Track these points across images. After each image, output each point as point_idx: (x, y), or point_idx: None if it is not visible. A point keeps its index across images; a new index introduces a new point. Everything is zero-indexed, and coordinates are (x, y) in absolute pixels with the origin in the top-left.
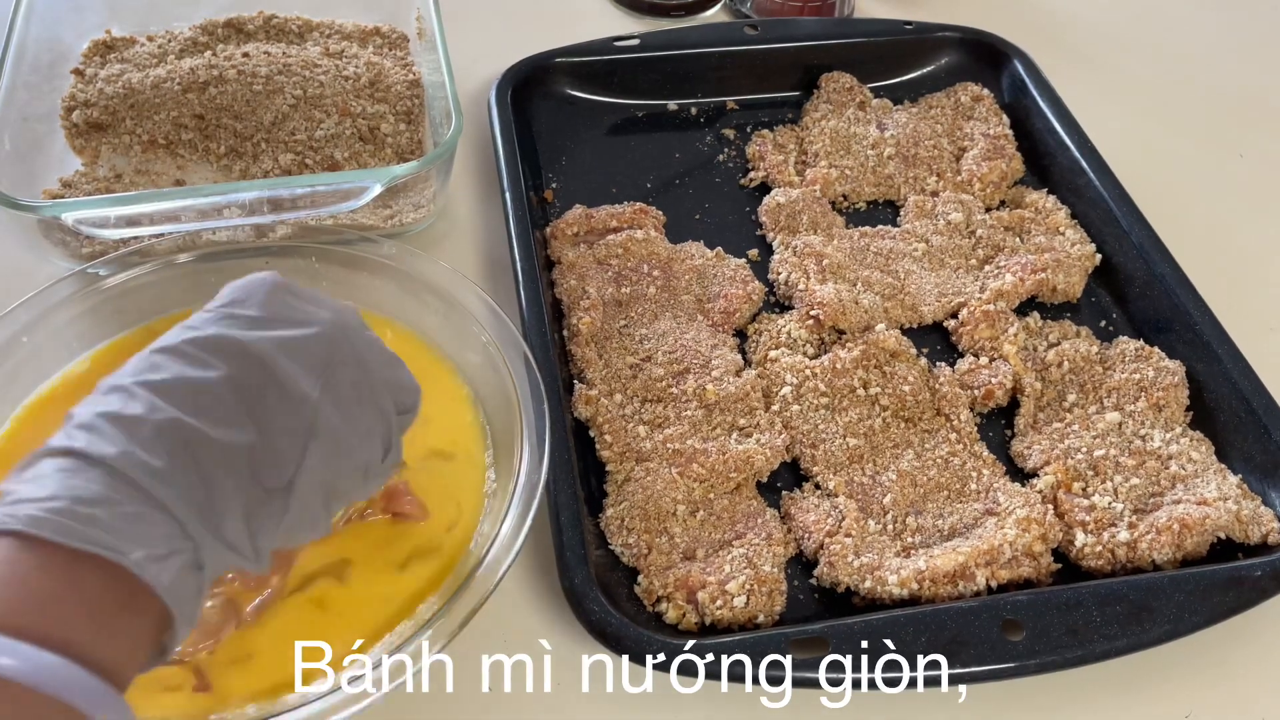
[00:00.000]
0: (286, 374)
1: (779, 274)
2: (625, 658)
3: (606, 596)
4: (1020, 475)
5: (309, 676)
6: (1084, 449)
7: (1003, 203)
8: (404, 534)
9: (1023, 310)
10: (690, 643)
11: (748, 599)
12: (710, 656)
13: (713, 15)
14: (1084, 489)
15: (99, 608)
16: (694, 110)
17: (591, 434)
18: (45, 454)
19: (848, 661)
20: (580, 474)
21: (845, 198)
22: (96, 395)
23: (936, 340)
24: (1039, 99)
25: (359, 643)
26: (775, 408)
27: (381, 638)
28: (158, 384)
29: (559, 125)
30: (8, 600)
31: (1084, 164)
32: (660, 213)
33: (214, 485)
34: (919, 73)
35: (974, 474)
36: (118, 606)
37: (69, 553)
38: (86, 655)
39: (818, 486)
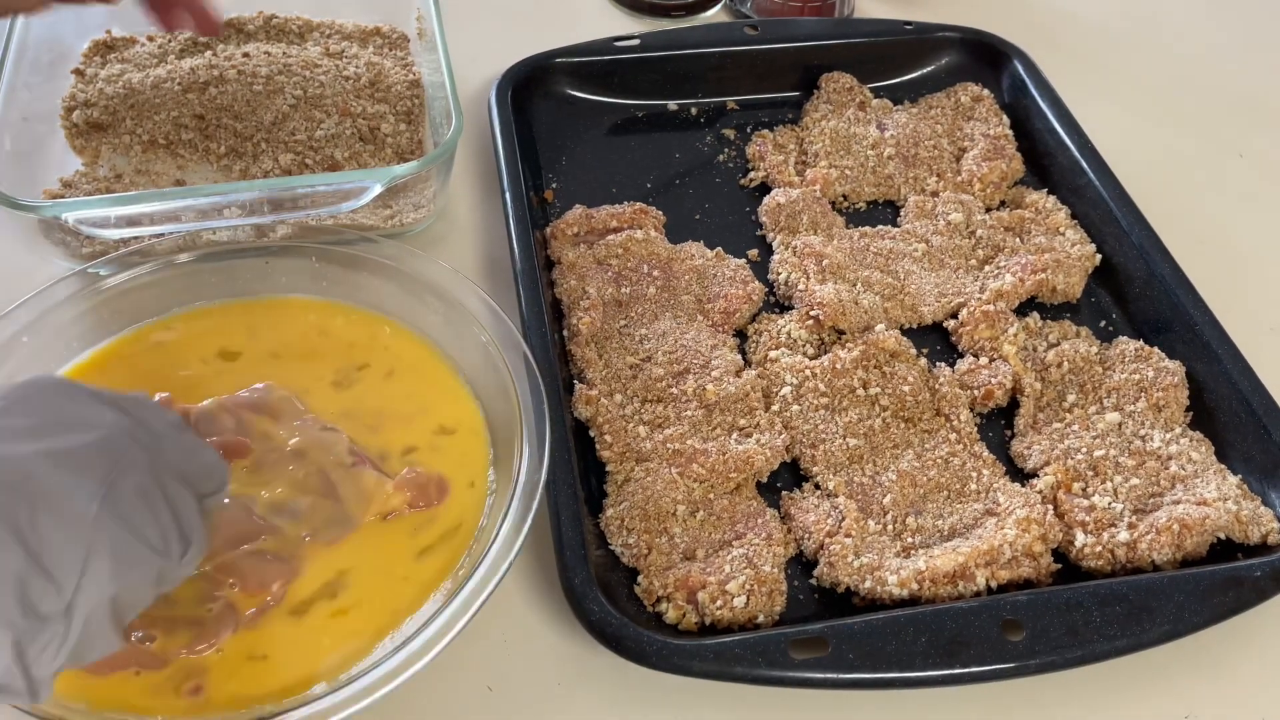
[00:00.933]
0: (57, 491)
1: (779, 274)
2: (625, 658)
3: (606, 596)
4: (1020, 475)
5: (308, 682)
6: (1084, 449)
7: (1003, 203)
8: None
9: (1023, 310)
10: (690, 643)
11: (748, 599)
12: (710, 656)
13: (713, 15)
14: (1084, 489)
15: None
16: (694, 110)
17: (591, 434)
18: None
19: (848, 662)
20: (580, 474)
21: (845, 198)
22: None
23: (936, 340)
24: (1039, 99)
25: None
26: (775, 408)
27: (384, 635)
28: None
29: (559, 125)
30: None
31: (1084, 164)
32: (660, 213)
33: None
34: (919, 73)
35: (974, 474)
36: None
37: None
38: None
39: (818, 487)
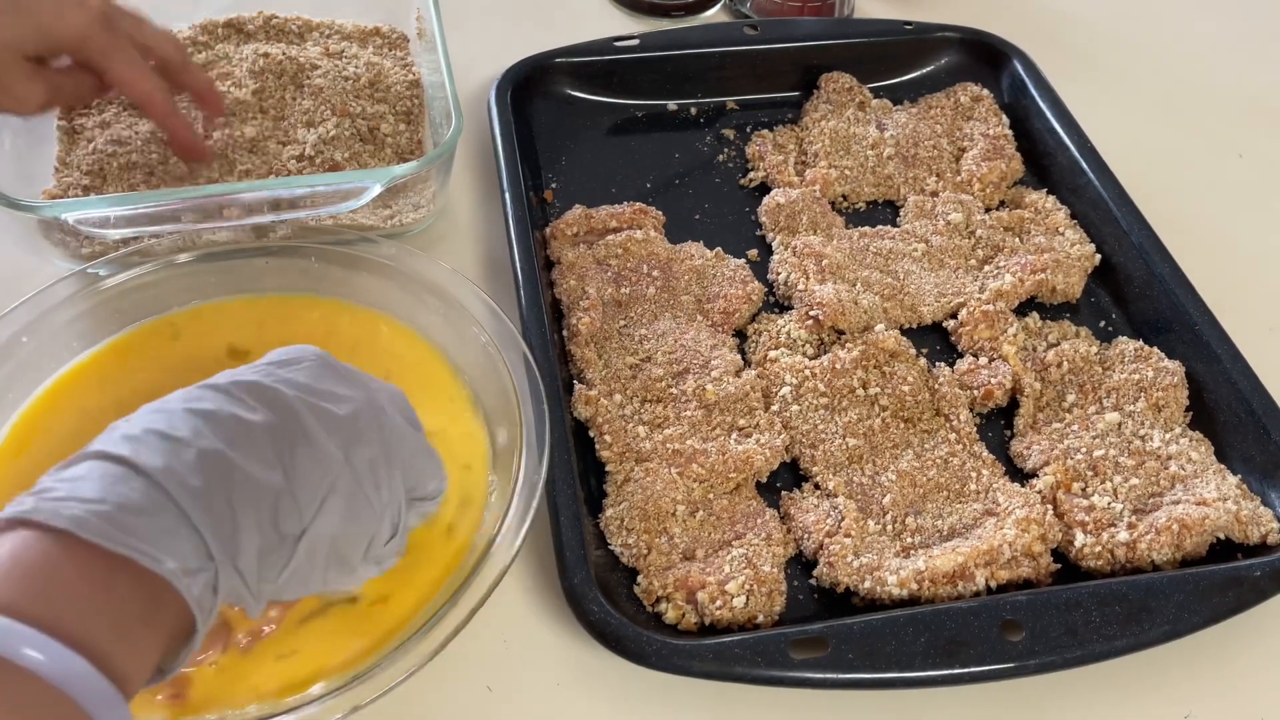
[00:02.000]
0: (317, 432)
1: (778, 274)
2: (625, 658)
3: (606, 596)
4: (1020, 475)
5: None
6: (1083, 449)
7: (1002, 203)
8: None
9: (1022, 310)
10: (690, 643)
11: (747, 599)
12: (710, 656)
13: (713, 15)
14: (1083, 489)
15: (127, 615)
16: (694, 110)
17: (591, 434)
18: (91, 456)
19: (848, 662)
20: (580, 474)
21: (845, 198)
22: (143, 413)
23: (936, 340)
24: (1039, 99)
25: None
26: (775, 408)
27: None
28: (204, 413)
29: (559, 125)
30: (46, 596)
31: (1083, 164)
32: (660, 213)
33: (240, 517)
34: (919, 73)
35: (973, 474)
36: (144, 616)
37: (108, 556)
38: (108, 662)
39: (817, 487)
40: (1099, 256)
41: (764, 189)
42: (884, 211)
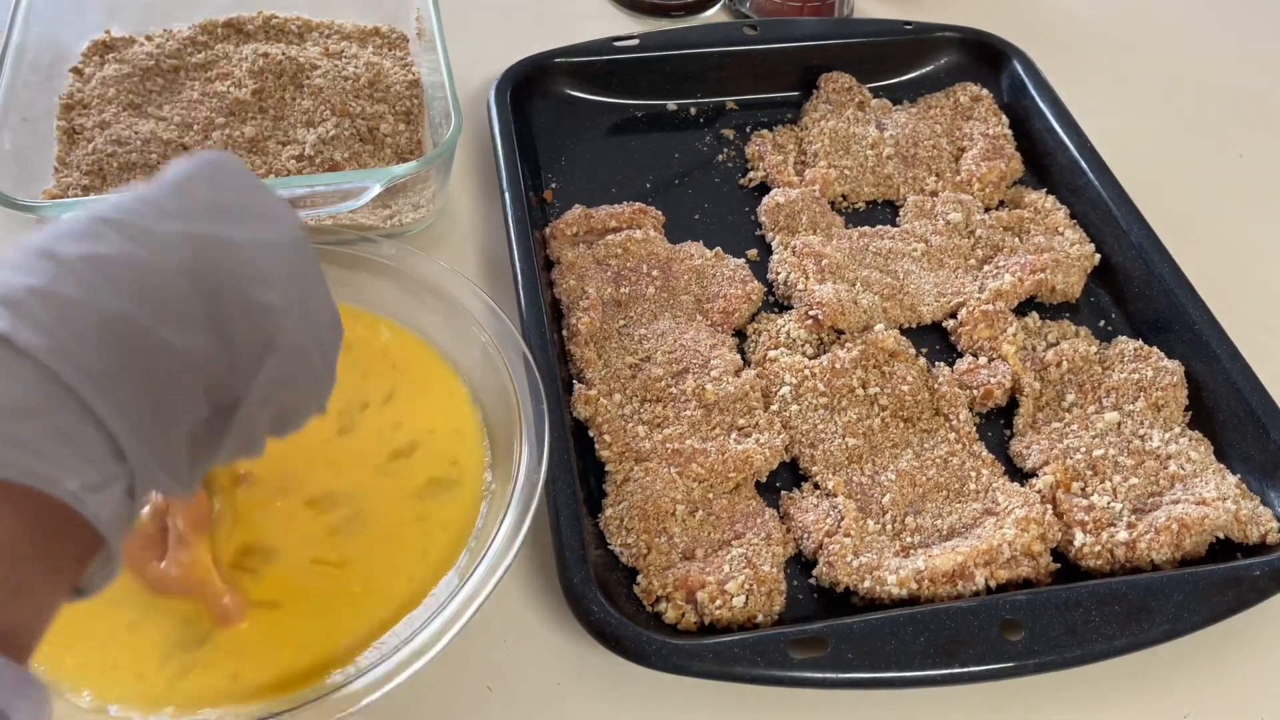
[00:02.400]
0: (251, 275)
1: (778, 274)
2: (625, 658)
3: (606, 596)
4: (1019, 475)
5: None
6: (1083, 449)
7: (1002, 203)
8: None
9: (1022, 310)
10: (689, 643)
11: (747, 599)
12: (709, 656)
13: (712, 15)
14: (1083, 489)
15: (16, 555)
16: (693, 110)
17: (591, 434)
18: None
19: (847, 661)
20: (580, 474)
21: (844, 198)
22: (22, 255)
23: (935, 340)
24: (1038, 99)
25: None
26: (774, 408)
27: (386, 632)
28: (105, 261)
29: (558, 125)
30: None
31: (1083, 164)
32: (660, 213)
33: (160, 397)
34: (918, 73)
35: (973, 474)
36: (38, 551)
37: None
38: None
39: (817, 486)
40: (1098, 256)
41: (764, 189)
42: (884, 211)
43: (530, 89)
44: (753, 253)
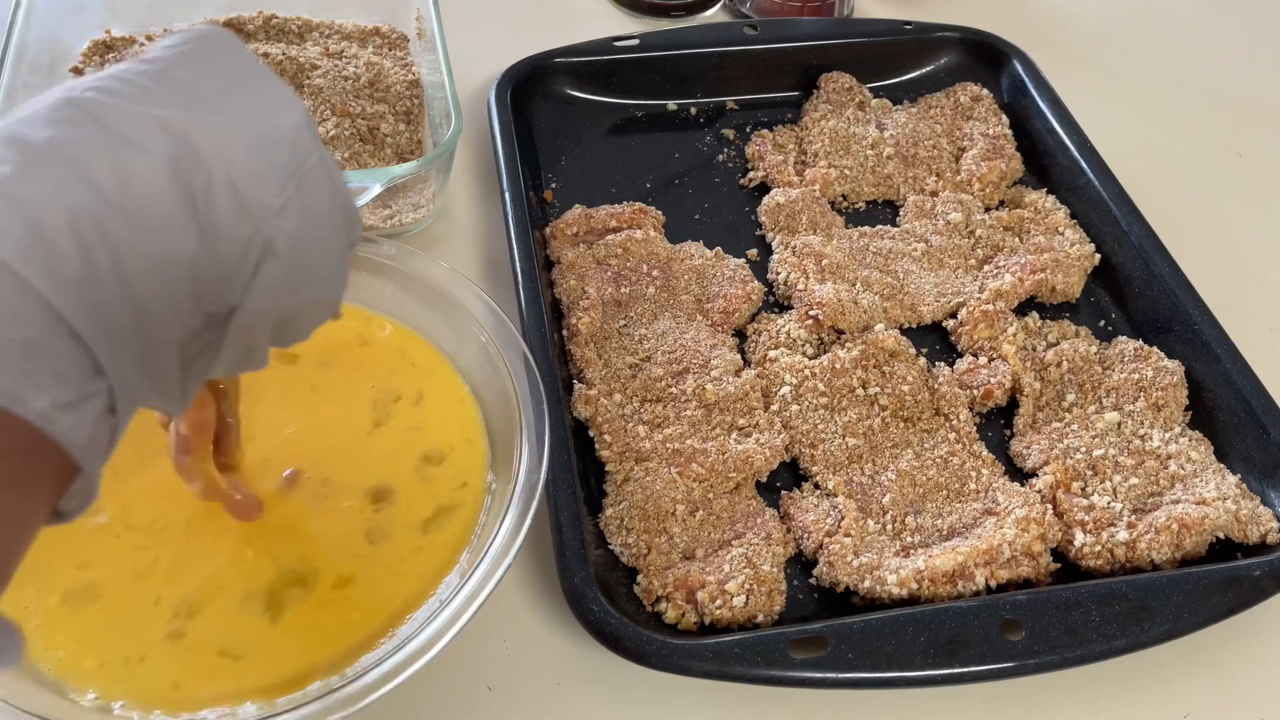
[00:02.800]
0: (244, 171)
1: (778, 274)
2: (625, 657)
3: (606, 596)
4: (1019, 475)
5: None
6: (1083, 449)
7: (1002, 203)
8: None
9: (1022, 310)
10: (689, 642)
11: (747, 599)
12: (709, 656)
13: (712, 15)
14: (1083, 489)
15: None
16: (693, 110)
17: (591, 434)
18: None
19: (847, 661)
20: (580, 474)
21: (845, 198)
22: None
23: (936, 340)
24: (1038, 99)
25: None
26: (774, 407)
27: (387, 632)
28: (73, 148)
29: (559, 125)
30: None
31: (1083, 164)
32: (660, 213)
33: (143, 308)
34: (919, 73)
35: (973, 474)
36: (10, 477)
37: None
38: None
39: (817, 486)
40: (1099, 256)
41: (764, 189)
42: (884, 211)
43: (530, 89)
44: (753, 253)
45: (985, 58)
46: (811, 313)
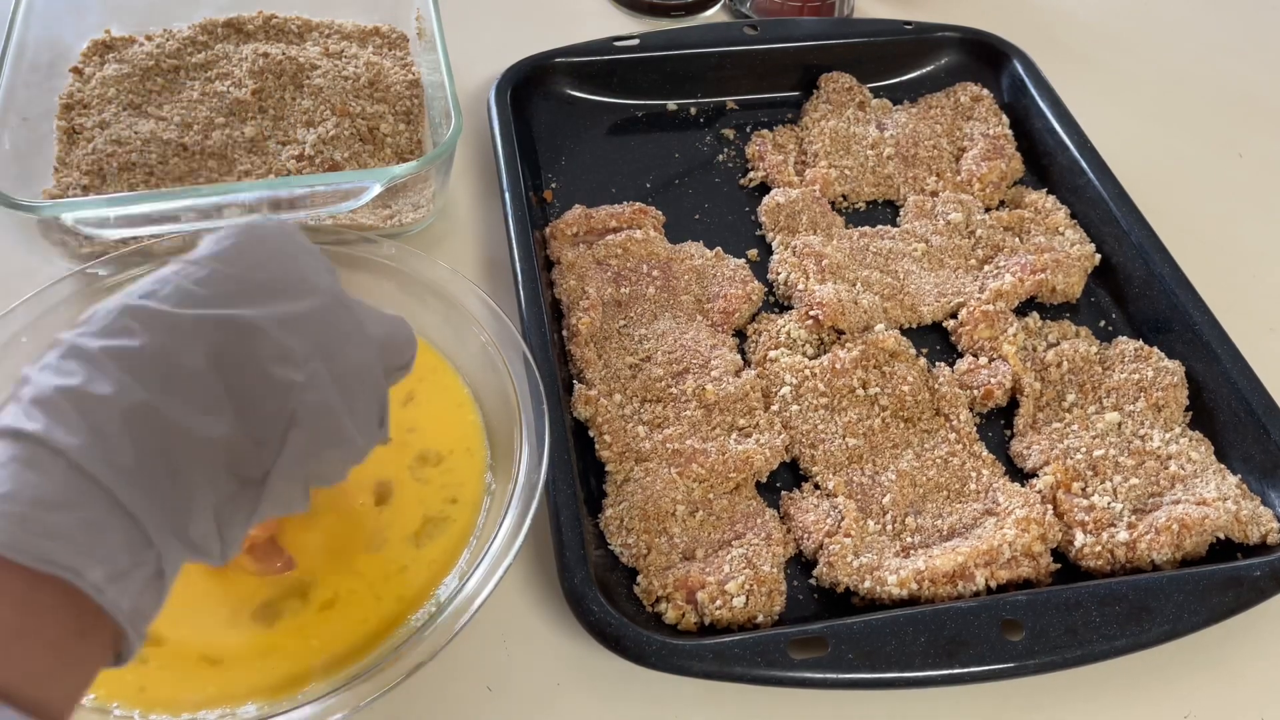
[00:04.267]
0: (273, 354)
1: (778, 274)
2: (625, 658)
3: (606, 596)
4: (1019, 475)
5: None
6: (1083, 449)
7: (1002, 203)
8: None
9: (1022, 310)
10: (689, 643)
11: (747, 599)
12: (709, 656)
13: (712, 15)
14: (1083, 489)
15: (54, 641)
16: (693, 110)
17: (591, 434)
18: None
19: (847, 662)
20: (580, 474)
21: (845, 198)
22: (54, 357)
23: (936, 340)
24: (1038, 99)
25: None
26: (774, 408)
27: (387, 632)
28: (130, 355)
29: (559, 125)
30: None
31: (1083, 164)
32: (660, 213)
33: (184, 483)
34: (919, 73)
35: (973, 474)
36: (73, 636)
37: (27, 574)
38: (34, 701)
39: (817, 486)
40: (1099, 256)
41: (764, 189)
42: (884, 211)
43: (530, 89)
44: (753, 253)
45: (985, 58)
46: (812, 313)
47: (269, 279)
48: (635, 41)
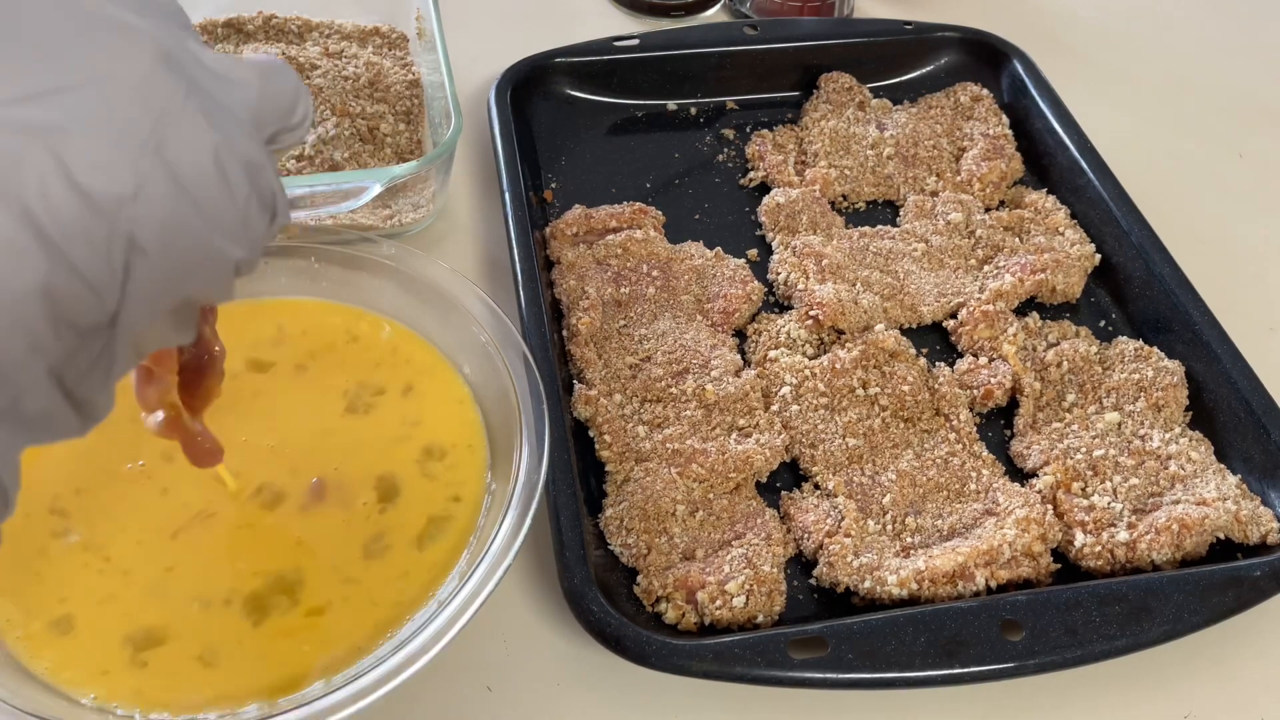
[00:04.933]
0: (82, 156)
1: (778, 274)
2: (625, 658)
3: (606, 596)
4: (1019, 475)
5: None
6: (1083, 449)
7: (1002, 203)
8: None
9: (1022, 310)
10: (689, 643)
11: (747, 599)
12: (709, 656)
13: (713, 15)
14: (1083, 489)
15: None
16: (693, 110)
17: (591, 434)
18: None
19: (847, 662)
20: (580, 474)
21: (845, 198)
22: None
23: (936, 340)
24: (1039, 99)
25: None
26: (774, 408)
27: (386, 633)
28: None
29: (559, 125)
30: None
31: (1083, 164)
32: (660, 213)
33: None
34: (919, 73)
35: (973, 474)
36: None
37: None
38: None
39: (817, 486)
40: (1099, 256)
41: (764, 189)
42: (884, 211)
43: (530, 89)
44: (753, 253)
45: (985, 58)
46: (811, 313)
47: (51, 46)
48: (635, 41)
